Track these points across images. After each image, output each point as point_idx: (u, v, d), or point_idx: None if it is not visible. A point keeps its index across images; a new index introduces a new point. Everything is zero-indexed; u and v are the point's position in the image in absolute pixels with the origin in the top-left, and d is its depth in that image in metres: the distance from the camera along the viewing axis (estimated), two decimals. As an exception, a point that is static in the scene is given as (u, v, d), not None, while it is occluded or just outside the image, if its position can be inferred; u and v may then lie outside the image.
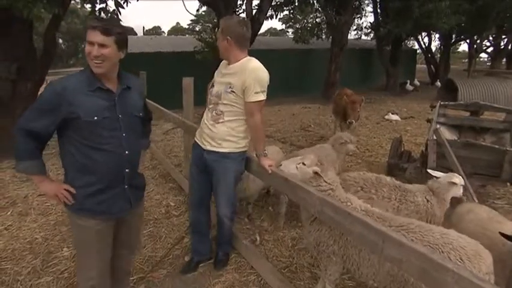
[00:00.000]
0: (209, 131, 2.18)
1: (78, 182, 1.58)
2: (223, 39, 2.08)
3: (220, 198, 2.33)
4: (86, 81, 1.53)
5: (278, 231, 3.05)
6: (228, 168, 2.21)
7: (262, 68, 2.10)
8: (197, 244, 2.55)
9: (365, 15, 15.92)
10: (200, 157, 2.26)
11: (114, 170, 1.62)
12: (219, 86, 2.15)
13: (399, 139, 4.69)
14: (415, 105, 10.26)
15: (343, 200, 1.85)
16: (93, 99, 1.53)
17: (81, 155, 1.55)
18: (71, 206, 1.61)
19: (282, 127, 7.49)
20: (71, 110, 1.48)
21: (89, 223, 1.62)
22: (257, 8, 8.04)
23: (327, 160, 3.38)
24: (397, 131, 7.04)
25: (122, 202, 1.69)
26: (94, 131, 1.53)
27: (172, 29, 50.58)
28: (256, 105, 2.07)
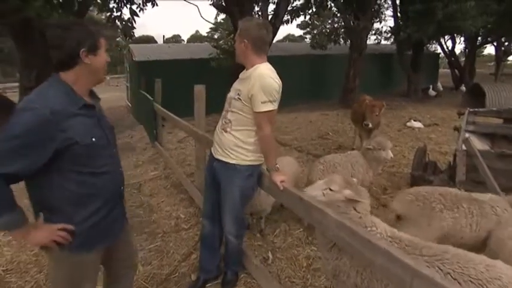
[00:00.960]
0: (218, 138, 2.09)
1: (78, 217, 1.35)
2: (240, 42, 1.94)
3: (224, 214, 2.17)
4: (69, 100, 1.29)
5: (292, 249, 2.84)
6: (233, 182, 2.05)
7: (271, 74, 1.88)
8: (205, 261, 2.38)
9: (384, 20, 15.48)
10: (211, 165, 2.16)
11: (114, 191, 1.50)
12: (231, 93, 2.05)
13: (423, 148, 4.39)
14: (438, 112, 9.78)
15: (368, 225, 1.62)
16: (83, 119, 1.32)
17: (79, 185, 1.33)
18: (68, 245, 1.35)
19: (299, 135, 7.27)
20: (66, 136, 1.24)
21: (89, 257, 1.44)
22: (273, 13, 7.92)
23: (354, 170, 3.16)
24: (420, 139, 6.67)
25: (120, 221, 1.58)
26: (93, 154, 1.35)
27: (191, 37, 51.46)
28: (264, 115, 1.87)
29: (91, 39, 1.33)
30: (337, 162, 3.12)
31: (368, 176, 3.30)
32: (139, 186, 4.47)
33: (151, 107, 5.96)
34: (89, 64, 1.34)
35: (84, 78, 1.36)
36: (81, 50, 1.30)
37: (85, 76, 1.36)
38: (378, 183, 4.26)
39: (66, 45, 1.28)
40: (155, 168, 5.20)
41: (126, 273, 1.76)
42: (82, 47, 1.31)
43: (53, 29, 1.30)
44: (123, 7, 5.93)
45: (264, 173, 2.06)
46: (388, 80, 15.60)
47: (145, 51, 11.13)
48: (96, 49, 1.35)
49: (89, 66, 1.34)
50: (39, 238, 1.31)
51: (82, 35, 1.31)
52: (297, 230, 3.15)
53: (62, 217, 1.33)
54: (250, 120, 1.95)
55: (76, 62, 1.32)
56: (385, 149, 3.18)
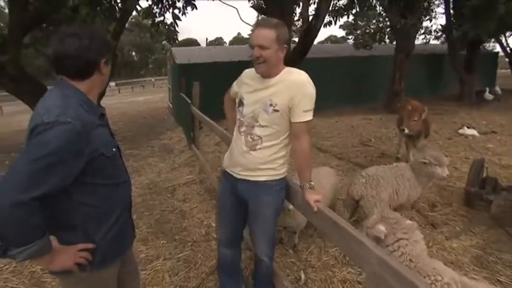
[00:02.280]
0: (243, 159, 1.82)
1: (99, 233, 1.29)
2: (279, 49, 1.68)
3: (257, 236, 1.98)
4: (90, 110, 1.24)
5: (327, 270, 2.62)
6: (266, 201, 1.86)
7: (309, 80, 1.71)
8: (225, 284, 2.22)
9: (435, 17, 14.42)
10: (232, 188, 1.93)
11: (127, 201, 1.47)
12: (253, 105, 1.77)
13: (481, 161, 3.90)
14: (496, 118, 8.85)
15: (429, 274, 1.36)
16: (102, 129, 1.30)
17: (101, 199, 1.27)
18: (90, 265, 1.28)
19: (340, 141, 6.93)
20: (93, 149, 1.19)
21: (109, 272, 1.38)
22: (314, 13, 7.66)
23: (399, 184, 2.87)
24: (474, 149, 6.02)
25: (131, 230, 1.53)
26: (115, 164, 1.33)
27: (233, 39, 52.40)
28: (305, 125, 1.71)
29: (109, 49, 1.33)
30: (381, 175, 2.84)
31: (415, 191, 2.97)
32: (173, 190, 4.48)
33: (190, 110, 6.00)
34: (104, 74, 1.33)
35: (96, 88, 1.34)
36: (102, 60, 1.28)
37: (97, 86, 1.34)
38: (426, 199, 3.85)
39: (89, 55, 1.24)
40: (190, 172, 5.21)
41: (134, 286, 1.69)
42: (103, 57, 1.28)
43: (73, 38, 1.22)
44: (166, 12, 6.04)
45: (298, 188, 1.87)
46: (438, 82, 14.52)
47: (186, 54, 11.38)
48: (109, 60, 1.34)
49: (104, 76, 1.33)
50: (63, 262, 1.22)
51: (103, 45, 1.29)
52: (333, 247, 2.91)
53: (81, 236, 1.26)
54: (283, 132, 1.78)
55: (94, 71, 1.28)
56: (442, 166, 2.82)
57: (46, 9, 5.25)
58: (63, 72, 1.24)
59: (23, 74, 6.03)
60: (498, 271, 2.56)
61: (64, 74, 1.25)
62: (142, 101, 18.05)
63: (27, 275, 2.72)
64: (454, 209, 3.58)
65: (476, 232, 3.12)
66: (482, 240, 2.97)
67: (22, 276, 2.71)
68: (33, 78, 6.60)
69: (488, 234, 3.07)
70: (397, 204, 2.93)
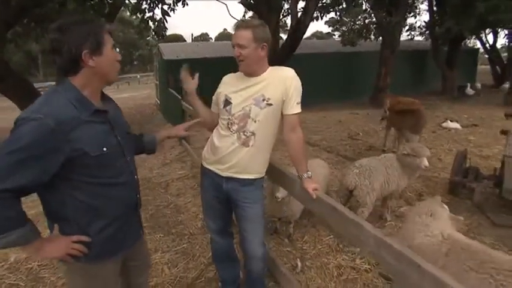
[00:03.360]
0: (234, 156, 1.82)
1: (93, 228, 1.28)
2: (258, 48, 1.74)
3: (250, 236, 1.97)
4: (79, 106, 1.19)
5: (321, 257, 2.72)
6: (256, 198, 1.91)
7: (296, 75, 1.81)
8: (226, 273, 2.27)
9: (419, 14, 14.78)
10: (216, 185, 1.92)
11: (130, 201, 1.42)
12: (243, 102, 1.79)
13: (464, 152, 4.09)
14: (477, 112, 9.19)
15: None
16: (94, 126, 1.22)
17: (91, 196, 1.24)
18: (85, 257, 1.28)
19: (328, 135, 7.07)
20: (74, 147, 1.15)
21: (107, 268, 1.38)
22: (302, 10, 7.75)
23: (388, 174, 2.99)
24: (457, 141, 6.28)
25: (137, 228, 1.53)
26: (104, 165, 1.26)
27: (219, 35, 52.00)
28: (298, 117, 1.79)
29: (93, 38, 1.19)
30: (373, 166, 2.95)
31: (403, 181, 3.11)
32: (166, 185, 4.50)
33: (180, 105, 6.01)
34: (95, 66, 1.21)
35: (93, 81, 1.25)
36: (83, 52, 1.17)
37: (93, 79, 1.24)
38: (413, 188, 4.02)
39: (64, 49, 1.16)
40: (182, 167, 5.23)
41: (140, 283, 1.71)
42: (83, 48, 1.17)
43: (52, 32, 1.17)
44: (155, 7, 6.00)
45: (295, 178, 1.95)
46: (422, 78, 14.91)
47: (174, 50, 11.31)
48: (100, 48, 1.21)
49: (95, 68, 1.22)
50: (53, 251, 1.24)
51: (82, 35, 1.17)
52: (327, 236, 3.02)
53: (76, 228, 1.26)
54: (275, 126, 1.85)
55: (80, 66, 1.20)
56: (420, 157, 2.96)
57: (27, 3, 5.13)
58: (57, 68, 1.22)
59: (7, 70, 5.90)
60: (481, 254, 2.72)
61: (58, 70, 1.23)
62: (128, 98, 17.79)
63: (24, 272, 2.71)
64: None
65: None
66: (465, 226, 3.13)
67: (19, 273, 2.69)
68: (17, 74, 6.46)
69: (471, 220, 3.25)
70: (388, 193, 3.06)
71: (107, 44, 1.24)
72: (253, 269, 2.06)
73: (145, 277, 1.76)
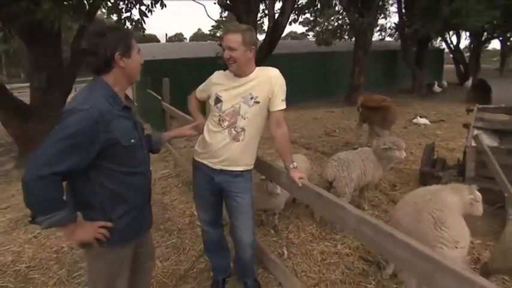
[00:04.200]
0: (225, 150, 1.95)
1: (117, 213, 1.44)
2: (247, 50, 1.89)
3: (241, 225, 2.11)
4: (112, 101, 1.38)
5: (306, 245, 2.91)
6: (245, 188, 2.06)
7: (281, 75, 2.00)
8: (218, 262, 2.40)
9: (389, 16, 15.47)
10: (208, 178, 2.05)
11: (146, 191, 1.61)
12: (232, 100, 1.94)
13: (432, 145, 4.44)
14: (444, 108, 9.80)
15: None
16: (124, 120, 1.42)
17: (117, 184, 1.41)
18: (108, 241, 1.42)
19: (306, 132, 7.32)
20: (110, 137, 1.33)
21: (124, 251, 1.54)
22: (279, 11, 7.95)
23: (365, 166, 3.21)
24: (426, 135, 6.70)
25: (149, 218, 1.69)
26: (131, 155, 1.44)
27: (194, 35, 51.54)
28: (282, 113, 1.97)
29: (124, 42, 1.40)
30: (350, 159, 3.17)
31: (378, 172, 3.35)
32: (151, 184, 4.53)
33: (160, 106, 6.03)
34: (124, 67, 1.41)
35: (121, 80, 1.44)
36: (115, 54, 1.38)
37: (122, 78, 1.44)
38: (387, 180, 4.31)
39: (101, 51, 1.35)
40: (165, 166, 5.28)
41: (148, 268, 1.86)
42: (116, 51, 1.38)
43: (90, 37, 1.39)
44: (133, 8, 5.97)
45: (281, 169, 2.11)
46: (393, 76, 15.60)
47: (150, 51, 11.22)
48: (129, 51, 1.42)
49: (124, 69, 1.42)
50: (83, 235, 1.38)
51: (116, 40, 1.38)
52: (310, 225, 3.21)
53: (101, 214, 1.41)
54: (262, 122, 2.01)
55: (112, 66, 1.39)
56: (400, 149, 3.23)
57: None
58: (90, 69, 1.41)
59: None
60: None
61: (90, 71, 1.41)
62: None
63: (12, 274, 2.69)
64: (411, 187, 4.04)
65: (430, 205, 3.58)
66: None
67: (7, 275, 2.68)
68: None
69: (440, 206, 3.55)
70: (364, 184, 3.30)
71: (135, 48, 1.45)
72: (244, 255, 2.21)
73: (151, 263, 1.92)
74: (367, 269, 2.55)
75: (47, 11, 4.28)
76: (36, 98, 5.75)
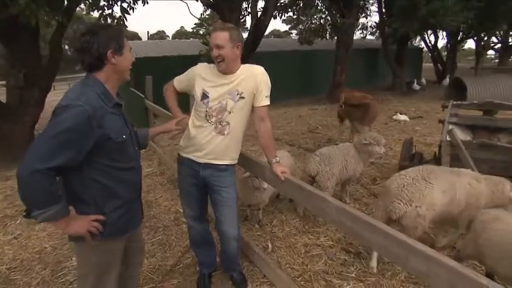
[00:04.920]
0: (210, 144, 2.00)
1: (109, 207, 1.47)
2: (234, 47, 1.94)
3: (226, 219, 2.15)
4: (104, 98, 1.41)
5: (290, 238, 2.98)
6: (229, 182, 2.11)
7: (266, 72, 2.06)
8: (205, 257, 2.43)
9: (369, 15, 15.84)
10: (193, 172, 2.09)
11: (137, 186, 1.66)
12: (219, 96, 1.98)
13: (410, 140, 4.61)
14: (422, 105, 10.12)
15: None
16: (115, 117, 1.45)
17: (109, 179, 1.45)
18: (100, 234, 1.45)
19: (289, 129, 7.42)
20: (102, 132, 1.36)
21: (116, 244, 1.58)
22: (262, 9, 8.01)
23: (346, 161, 3.30)
24: (406, 131, 6.93)
25: (139, 213, 1.73)
26: (123, 150, 1.48)
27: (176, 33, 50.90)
28: (266, 109, 2.03)
29: (116, 40, 1.43)
30: (332, 154, 3.27)
31: (359, 167, 3.46)
32: (135, 183, 4.51)
33: (143, 104, 5.98)
34: (116, 64, 1.44)
35: (113, 78, 1.47)
36: (108, 52, 1.40)
37: (113, 75, 1.46)
38: (368, 174, 4.45)
39: (94, 48, 1.38)
40: (149, 165, 5.25)
41: (138, 262, 1.90)
42: (108, 49, 1.41)
43: (83, 35, 1.40)
44: (114, 5, 5.89)
45: (265, 164, 2.16)
46: (374, 74, 15.95)
47: (132, 49, 11.03)
48: (121, 49, 1.45)
49: (116, 66, 1.45)
50: (77, 228, 1.40)
51: (108, 38, 1.41)
52: (293, 219, 3.29)
53: (94, 208, 1.45)
54: (246, 118, 2.06)
55: (104, 63, 1.42)
56: (379, 145, 3.36)
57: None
58: (82, 66, 1.43)
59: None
60: (425, 225, 3.15)
61: (83, 68, 1.43)
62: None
63: (-8, 275, 2.66)
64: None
65: (408, 198, 3.72)
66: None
67: (-13, 277, 2.64)
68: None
69: (418, 198, 3.70)
70: (346, 178, 3.40)
71: (125, 46, 1.48)
72: (229, 249, 2.26)
73: (142, 257, 1.96)
74: (348, 260, 2.65)
75: (23, 7, 4.18)
76: (12, 97, 5.60)
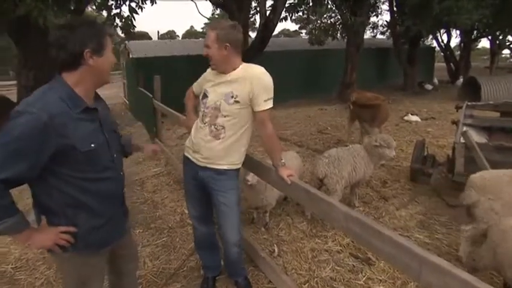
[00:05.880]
0: (206, 148, 1.95)
1: (80, 220, 1.33)
2: (220, 48, 1.83)
3: (225, 224, 2.09)
4: (70, 103, 1.24)
5: (296, 242, 2.91)
6: (228, 187, 2.03)
7: (266, 73, 1.92)
8: (209, 260, 2.39)
9: (381, 14, 15.54)
10: (194, 173, 2.05)
11: (115, 196, 1.49)
12: (215, 97, 1.92)
13: (422, 142, 4.47)
14: (435, 106, 9.87)
15: None
16: (84, 123, 1.27)
17: (77, 190, 1.30)
18: (73, 247, 1.33)
19: (298, 130, 7.33)
20: (63, 142, 1.20)
21: (94, 258, 1.45)
22: (271, 8, 7.93)
23: (355, 163, 3.21)
24: (417, 132, 6.75)
25: (122, 223, 1.59)
26: (92, 160, 1.31)
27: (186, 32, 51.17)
28: (267, 113, 1.92)
29: (96, 39, 1.28)
30: (341, 156, 3.18)
31: (369, 169, 3.36)
32: (141, 183, 4.50)
33: (151, 103, 5.97)
34: (93, 66, 1.28)
35: (88, 80, 1.31)
36: (85, 51, 1.25)
37: (89, 77, 1.31)
38: (378, 177, 4.33)
39: (69, 45, 1.23)
40: (156, 164, 5.23)
41: (129, 270, 1.80)
42: (86, 47, 1.25)
43: (60, 29, 1.27)
44: (122, 4, 5.91)
45: (271, 167, 2.10)
46: (385, 74, 15.67)
47: (142, 48, 11.08)
48: (101, 50, 1.30)
49: (93, 68, 1.29)
50: (42, 241, 1.30)
51: (87, 35, 1.26)
52: (301, 223, 3.21)
53: (64, 219, 1.32)
54: (243, 122, 1.96)
55: (80, 62, 1.27)
56: (390, 147, 3.25)
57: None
58: (55, 64, 1.29)
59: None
60: (436, 230, 3.06)
61: (56, 66, 1.29)
62: (94, 98, 17.19)
63: (-3, 274, 2.65)
64: (402, 184, 4.09)
65: (419, 201, 3.63)
66: (424, 208, 3.47)
67: (-9, 276, 2.64)
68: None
69: (429, 202, 3.60)
70: (355, 181, 3.30)
71: (108, 47, 1.33)
72: (230, 255, 2.20)
73: (135, 264, 1.87)
74: (357, 266, 2.56)
75: (31, 7, 4.21)
76: (23, 96, 5.65)
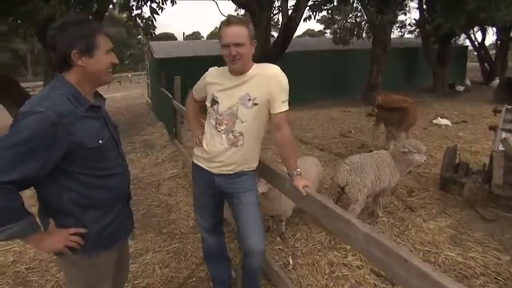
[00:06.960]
0: (224, 156, 1.81)
1: (89, 219, 1.32)
2: (252, 45, 1.72)
3: (249, 228, 1.88)
4: (75, 101, 1.25)
5: (313, 254, 2.72)
6: (248, 186, 1.89)
7: (283, 73, 1.77)
8: (217, 272, 2.25)
9: (409, 12, 14.92)
10: (208, 182, 1.90)
11: (124, 192, 1.49)
12: (230, 102, 1.76)
13: (454, 148, 4.13)
14: (467, 108, 9.30)
15: None
16: (90, 121, 1.29)
17: (88, 187, 1.30)
18: (83, 249, 1.32)
19: (321, 133, 7.09)
20: (73, 140, 1.20)
21: (103, 257, 1.41)
22: (293, 7, 7.74)
23: (380, 171, 2.99)
24: (448, 137, 6.34)
25: (129, 221, 1.57)
26: (101, 156, 1.32)
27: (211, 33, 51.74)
28: (285, 115, 1.77)
29: (84, 39, 1.24)
30: (364, 163, 2.96)
31: (395, 177, 3.12)
32: (157, 185, 4.46)
33: (171, 104, 5.96)
34: (84, 67, 1.26)
35: (85, 80, 1.30)
36: (72, 52, 1.22)
37: (83, 78, 1.29)
38: (404, 185, 4.04)
39: (58, 46, 1.22)
40: (174, 166, 5.19)
41: (122, 278, 1.72)
42: (73, 48, 1.22)
43: (52, 29, 1.25)
44: (143, 5, 5.94)
45: (286, 176, 1.94)
46: (413, 75, 15.05)
47: (164, 48, 11.23)
48: (91, 50, 1.25)
49: (84, 68, 1.26)
50: (52, 244, 1.27)
51: (75, 36, 1.22)
52: (319, 233, 3.02)
53: (73, 220, 1.30)
54: (262, 123, 1.83)
55: (70, 64, 1.25)
56: (420, 153, 2.99)
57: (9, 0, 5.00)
58: (52, 63, 1.30)
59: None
60: (470, 248, 2.75)
61: (52, 65, 1.30)
62: (119, 97, 17.60)
63: (11, 275, 2.65)
64: (430, 194, 3.78)
65: (450, 213, 3.32)
66: (455, 221, 3.17)
67: (6, 277, 2.64)
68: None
69: (461, 215, 3.28)
70: (380, 189, 3.07)
71: (100, 47, 1.28)
72: (253, 263, 1.96)
73: (126, 274, 1.80)
74: (378, 285, 2.34)
75: (55, 9, 4.26)
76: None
